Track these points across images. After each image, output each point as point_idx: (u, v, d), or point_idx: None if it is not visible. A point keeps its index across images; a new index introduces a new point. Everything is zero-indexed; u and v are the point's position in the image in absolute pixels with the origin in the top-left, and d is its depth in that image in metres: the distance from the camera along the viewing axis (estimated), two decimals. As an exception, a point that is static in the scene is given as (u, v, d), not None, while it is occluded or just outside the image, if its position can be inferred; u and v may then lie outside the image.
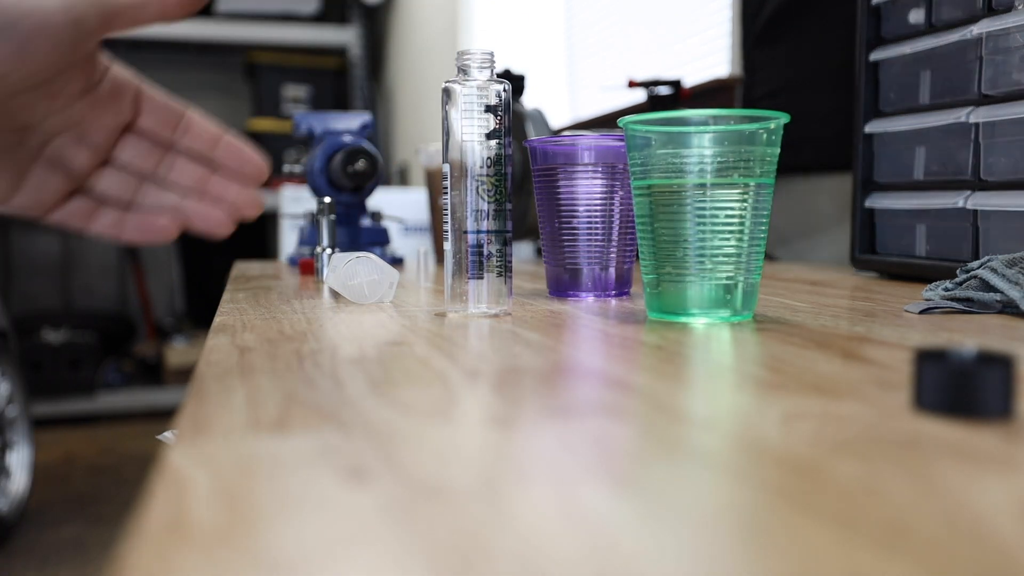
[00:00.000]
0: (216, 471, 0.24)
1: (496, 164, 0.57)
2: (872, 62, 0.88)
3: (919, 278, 0.80)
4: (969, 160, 0.76)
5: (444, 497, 0.22)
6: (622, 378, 0.37)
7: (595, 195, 0.69)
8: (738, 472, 0.24)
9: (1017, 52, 0.71)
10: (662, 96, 1.29)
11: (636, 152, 0.55)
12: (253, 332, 0.52)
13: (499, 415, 0.31)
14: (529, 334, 0.50)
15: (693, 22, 1.64)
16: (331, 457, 0.26)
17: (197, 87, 3.87)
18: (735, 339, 0.48)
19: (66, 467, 2.73)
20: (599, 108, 1.94)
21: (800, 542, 0.19)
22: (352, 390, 0.35)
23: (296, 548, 0.19)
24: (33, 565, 1.99)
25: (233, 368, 0.40)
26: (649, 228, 0.55)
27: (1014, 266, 0.57)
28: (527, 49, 2.41)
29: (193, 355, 3.39)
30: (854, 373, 0.37)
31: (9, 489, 2.15)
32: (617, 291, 0.71)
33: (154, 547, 0.19)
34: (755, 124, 0.52)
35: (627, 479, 0.24)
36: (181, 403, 0.34)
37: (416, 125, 3.24)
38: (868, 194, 0.90)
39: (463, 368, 0.40)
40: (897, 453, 0.25)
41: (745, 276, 0.54)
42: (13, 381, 2.29)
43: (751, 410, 0.31)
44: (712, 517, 0.21)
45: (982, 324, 0.52)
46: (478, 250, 0.58)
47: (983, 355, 0.30)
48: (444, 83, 0.58)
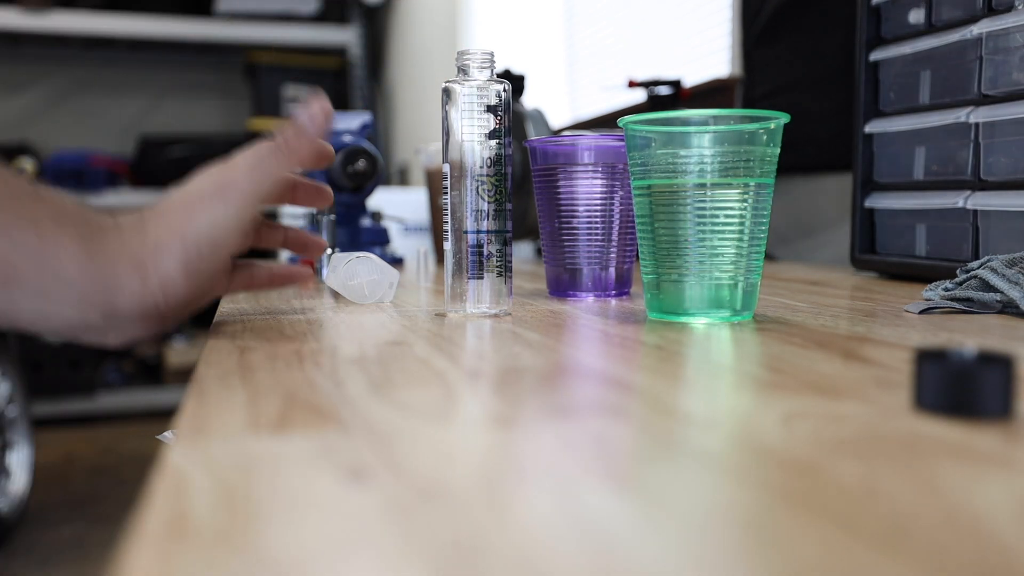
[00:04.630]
0: (216, 471, 0.24)
1: (496, 164, 0.57)
2: (872, 62, 0.88)
3: (919, 278, 0.80)
4: (969, 160, 0.76)
5: (444, 497, 0.22)
6: (622, 378, 0.37)
7: (595, 195, 0.69)
8: (738, 472, 0.24)
9: (1017, 52, 0.71)
10: (662, 96, 1.29)
11: (636, 152, 0.55)
12: (253, 332, 0.51)
13: (499, 415, 0.31)
14: (529, 334, 0.50)
15: (693, 22, 1.64)
16: (331, 457, 0.26)
17: (197, 87, 3.87)
18: (735, 339, 0.48)
19: (66, 467, 2.73)
20: (599, 108, 1.94)
21: (800, 542, 0.19)
22: (352, 390, 0.35)
23: (296, 548, 0.19)
24: (33, 565, 1.99)
25: (233, 368, 0.40)
26: (649, 228, 0.55)
27: (1014, 266, 0.57)
28: (527, 49, 2.41)
29: (193, 355, 3.39)
30: (854, 373, 0.37)
31: (9, 489, 2.15)
32: (617, 291, 0.71)
33: (154, 547, 0.19)
34: (755, 124, 0.52)
35: (627, 479, 0.24)
36: (181, 403, 0.34)
37: (416, 125, 3.24)
38: (868, 194, 0.90)
39: (463, 368, 0.40)
40: (897, 453, 0.25)
41: (745, 276, 0.54)
42: (13, 381, 2.29)
43: (751, 410, 0.31)
44: (712, 517, 0.21)
45: (982, 324, 0.52)
46: (478, 250, 0.58)
47: (983, 355, 0.30)
48: (444, 83, 0.58)
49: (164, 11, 3.41)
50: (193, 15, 3.45)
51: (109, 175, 3.31)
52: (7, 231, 0.42)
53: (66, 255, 0.43)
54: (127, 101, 3.81)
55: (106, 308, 0.46)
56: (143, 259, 0.46)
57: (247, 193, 0.49)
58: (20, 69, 3.65)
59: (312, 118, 0.51)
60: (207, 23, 3.42)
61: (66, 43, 3.56)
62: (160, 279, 0.47)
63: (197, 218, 0.48)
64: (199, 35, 3.42)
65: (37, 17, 3.22)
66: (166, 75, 3.83)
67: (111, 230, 0.46)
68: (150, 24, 3.34)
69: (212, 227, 0.48)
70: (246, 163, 0.50)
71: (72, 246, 0.44)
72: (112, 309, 0.46)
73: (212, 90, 3.88)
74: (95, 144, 3.58)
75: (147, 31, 3.35)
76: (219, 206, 0.49)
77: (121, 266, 0.46)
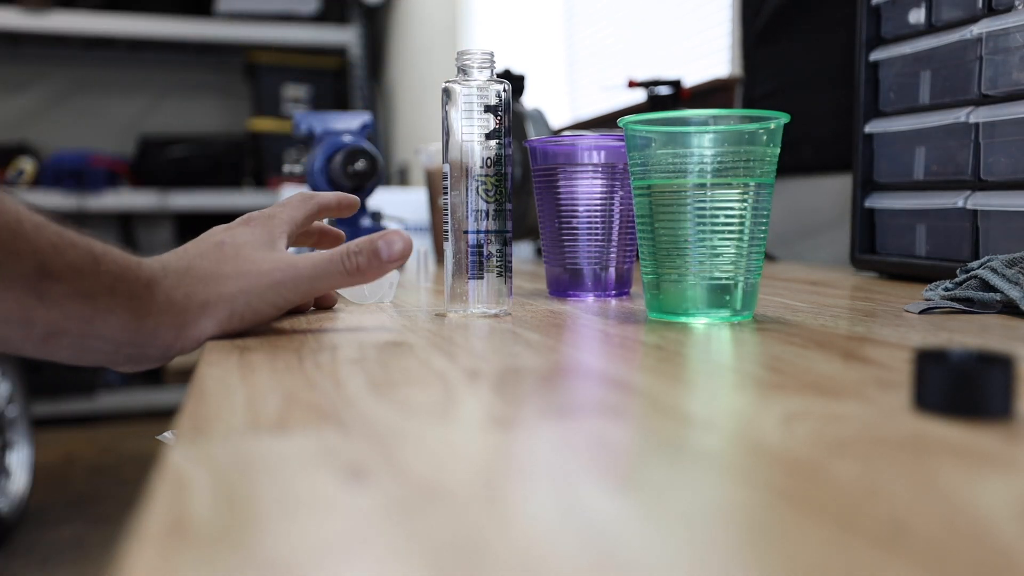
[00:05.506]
0: (216, 471, 0.24)
1: (496, 164, 0.57)
2: (872, 62, 0.88)
3: (919, 278, 0.80)
4: (969, 160, 0.76)
5: (444, 497, 0.22)
6: (622, 378, 0.37)
7: (595, 195, 0.69)
8: (738, 472, 0.24)
9: (1017, 52, 0.71)
10: (662, 96, 1.29)
11: (636, 152, 0.55)
12: (253, 332, 0.51)
13: (499, 415, 0.31)
14: (529, 334, 0.50)
15: (693, 22, 1.64)
16: (331, 457, 0.26)
17: (197, 87, 3.87)
18: (735, 339, 0.48)
19: (66, 467, 2.73)
20: (599, 108, 1.94)
21: (800, 542, 0.19)
22: (352, 390, 0.35)
23: (296, 548, 0.19)
24: (33, 565, 1.99)
25: (233, 368, 0.40)
26: (649, 228, 0.55)
27: (1014, 266, 0.57)
28: (527, 49, 2.41)
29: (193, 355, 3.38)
30: (854, 373, 0.37)
31: (9, 489, 2.15)
32: (617, 291, 0.71)
33: (154, 547, 0.19)
34: (755, 124, 0.52)
35: (627, 479, 0.24)
36: (181, 403, 0.34)
37: (416, 125, 3.24)
38: (868, 194, 0.90)
39: (463, 368, 0.40)
40: (897, 453, 0.25)
41: (745, 276, 0.54)
42: (13, 381, 2.29)
43: (751, 410, 0.31)
44: (712, 517, 0.21)
45: (982, 324, 0.52)
46: (478, 250, 0.58)
47: (983, 355, 0.30)
48: (444, 83, 0.58)
49: (164, 11, 3.41)
50: (193, 15, 3.45)
51: (109, 175, 3.30)
52: (61, 303, 0.42)
53: (114, 320, 0.44)
54: (127, 101, 3.81)
55: (138, 352, 0.47)
56: (184, 318, 0.47)
57: (304, 293, 0.51)
58: (20, 69, 3.65)
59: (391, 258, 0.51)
60: (207, 23, 3.42)
61: (66, 43, 3.56)
62: (195, 336, 0.48)
63: (252, 296, 0.48)
64: (199, 35, 3.42)
65: (37, 17, 3.22)
66: (166, 75, 3.83)
67: (157, 285, 0.46)
68: (150, 24, 3.34)
69: (260, 308, 0.49)
70: (314, 267, 0.50)
71: (122, 313, 0.44)
72: (141, 355, 0.47)
73: (212, 90, 3.88)
74: (95, 144, 3.58)
75: (147, 31, 3.35)
76: (277, 292, 0.49)
77: (162, 324, 0.46)
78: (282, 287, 0.49)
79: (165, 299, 0.46)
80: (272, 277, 0.49)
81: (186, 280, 0.47)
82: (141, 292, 0.45)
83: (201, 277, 0.48)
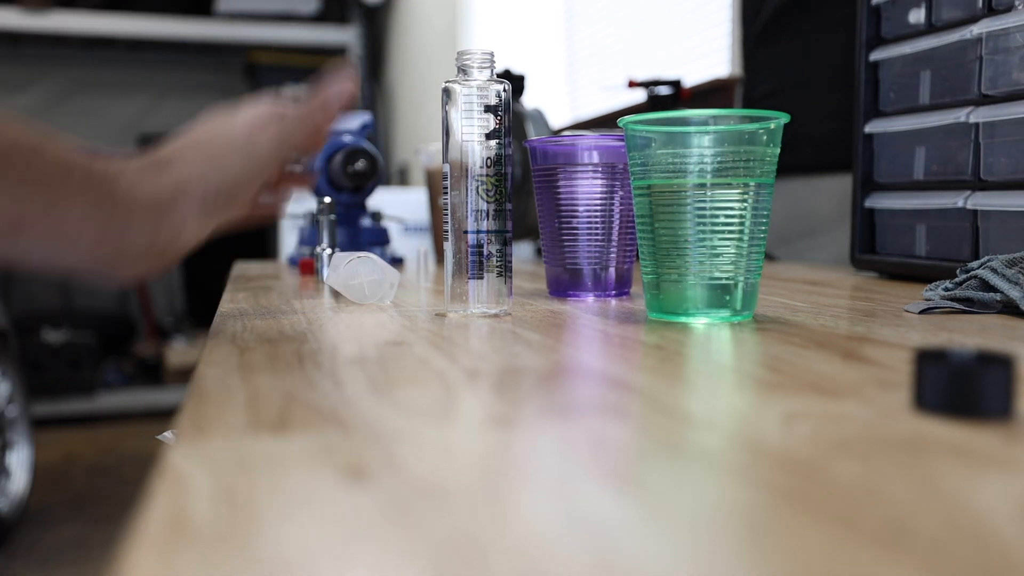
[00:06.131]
0: (216, 471, 0.24)
1: (496, 164, 0.57)
2: (872, 62, 0.88)
3: (919, 278, 0.80)
4: (969, 160, 0.76)
5: (444, 497, 0.22)
6: (622, 378, 0.37)
7: (595, 195, 0.69)
8: (738, 472, 0.24)
9: (1017, 52, 0.71)
10: (662, 96, 1.29)
11: (636, 152, 0.55)
12: (253, 332, 0.51)
13: (499, 415, 0.31)
14: (529, 334, 0.50)
15: (693, 22, 1.64)
16: (331, 457, 0.26)
17: (197, 87, 3.87)
18: (735, 339, 0.48)
19: (66, 467, 2.73)
20: (599, 108, 1.94)
21: (800, 542, 0.19)
22: (352, 390, 0.35)
23: (296, 548, 0.19)
24: (33, 565, 1.99)
25: (233, 368, 0.40)
26: (649, 228, 0.55)
27: (1014, 266, 0.57)
28: (527, 49, 2.41)
29: (193, 355, 3.39)
30: (854, 373, 0.37)
31: (9, 489, 2.15)
32: (617, 291, 0.71)
33: (154, 547, 0.19)
34: (755, 124, 0.52)
35: (627, 479, 0.24)
36: (181, 403, 0.34)
37: (416, 125, 3.24)
38: (868, 194, 0.90)
39: (463, 368, 0.40)
40: (897, 453, 0.25)
41: (745, 276, 0.54)
42: (13, 381, 2.29)
43: (751, 410, 0.31)
44: (712, 517, 0.21)
45: (982, 324, 0.52)
46: (478, 250, 0.58)
47: (983, 355, 0.30)
48: (444, 83, 0.58)
49: (164, 11, 3.41)
50: (193, 15, 3.45)
51: (109, 175, 3.30)
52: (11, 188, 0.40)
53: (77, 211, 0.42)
54: (127, 101, 3.81)
55: (115, 250, 0.45)
56: (158, 203, 0.46)
57: (271, 160, 0.50)
58: (20, 69, 3.65)
59: (339, 96, 0.51)
60: (207, 23, 3.42)
61: (66, 43, 3.56)
62: (173, 224, 0.46)
63: (221, 171, 0.48)
64: (199, 35, 3.43)
65: (37, 17, 3.22)
66: (166, 75, 3.83)
67: (121, 174, 0.44)
68: (150, 24, 3.34)
69: (234, 182, 0.49)
70: (274, 129, 0.50)
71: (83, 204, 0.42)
72: (120, 251, 0.45)
73: (212, 90, 3.88)
74: (95, 144, 3.58)
75: (147, 31, 3.35)
76: (244, 163, 0.49)
77: (134, 218, 0.45)
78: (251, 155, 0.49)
79: (132, 188, 0.45)
80: (237, 148, 0.49)
81: (151, 168, 0.46)
82: (101, 180, 0.43)
83: (166, 162, 0.47)
